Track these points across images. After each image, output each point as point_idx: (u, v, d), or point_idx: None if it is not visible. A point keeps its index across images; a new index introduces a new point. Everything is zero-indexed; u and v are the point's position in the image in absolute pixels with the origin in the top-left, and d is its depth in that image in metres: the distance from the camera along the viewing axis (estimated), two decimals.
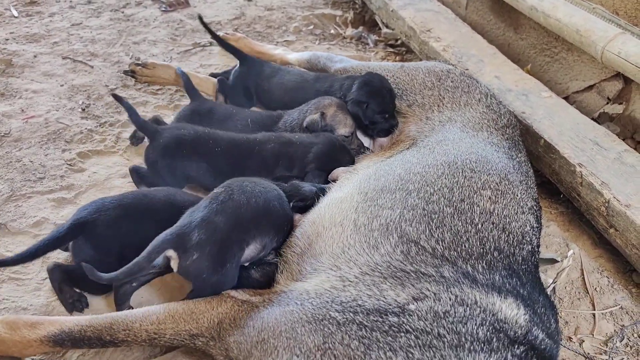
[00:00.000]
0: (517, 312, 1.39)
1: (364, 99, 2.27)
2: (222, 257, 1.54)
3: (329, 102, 2.29)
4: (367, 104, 2.26)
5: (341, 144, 2.16)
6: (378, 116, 2.27)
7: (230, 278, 1.57)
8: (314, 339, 1.28)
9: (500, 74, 2.65)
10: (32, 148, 2.44)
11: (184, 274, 1.55)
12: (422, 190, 1.68)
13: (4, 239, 1.98)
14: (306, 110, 2.31)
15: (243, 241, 1.60)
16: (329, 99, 2.33)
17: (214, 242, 1.53)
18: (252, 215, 1.63)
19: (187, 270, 1.53)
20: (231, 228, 1.57)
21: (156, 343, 1.46)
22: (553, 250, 2.14)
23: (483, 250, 1.53)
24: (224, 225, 1.56)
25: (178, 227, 1.58)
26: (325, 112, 2.25)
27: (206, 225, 1.55)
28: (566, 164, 2.14)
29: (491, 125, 2.09)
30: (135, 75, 2.90)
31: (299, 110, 2.34)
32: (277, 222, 1.72)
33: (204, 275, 1.52)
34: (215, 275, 1.53)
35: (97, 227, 1.69)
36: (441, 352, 1.24)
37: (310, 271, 1.53)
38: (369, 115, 2.27)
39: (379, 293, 1.38)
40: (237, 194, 1.66)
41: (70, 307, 1.71)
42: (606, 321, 1.89)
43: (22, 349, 1.47)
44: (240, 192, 1.67)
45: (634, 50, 2.19)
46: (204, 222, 1.56)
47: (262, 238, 1.66)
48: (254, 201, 1.66)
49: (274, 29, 3.71)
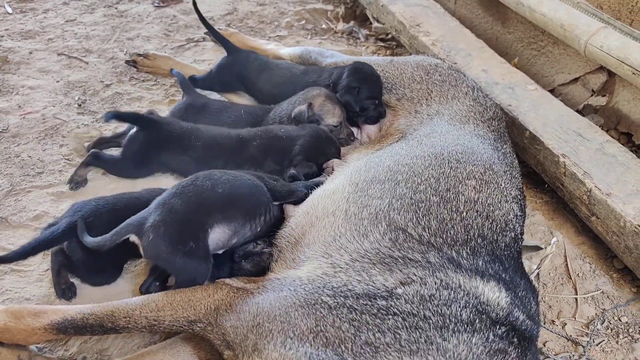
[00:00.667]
0: (499, 295, 1.46)
1: (356, 84, 2.33)
2: (181, 237, 1.59)
3: (317, 92, 2.33)
4: (358, 89, 2.32)
5: (327, 135, 2.20)
6: (368, 102, 2.33)
7: (200, 259, 1.61)
8: (306, 322, 1.35)
9: (487, 67, 2.71)
10: (30, 143, 2.49)
11: (148, 257, 1.63)
12: (410, 180, 1.75)
13: (5, 232, 2.03)
14: (295, 101, 2.35)
15: (206, 223, 1.65)
16: (317, 89, 2.37)
17: (170, 222, 1.59)
18: (216, 200, 1.68)
19: (147, 253, 1.60)
20: (190, 210, 1.63)
21: (156, 329, 1.52)
22: (538, 238, 2.22)
23: (467, 237, 1.60)
24: (180, 206, 1.62)
25: (141, 214, 1.66)
26: (312, 102, 2.29)
27: (161, 207, 1.62)
28: (550, 154, 2.22)
29: (477, 118, 2.15)
30: (137, 65, 3.01)
31: (288, 102, 2.39)
32: (246, 209, 1.75)
33: (164, 255, 1.58)
34: (176, 255, 1.57)
35: (92, 230, 1.73)
36: (427, 332, 1.32)
37: (304, 259, 1.60)
38: (360, 100, 2.33)
39: (368, 278, 1.45)
40: (202, 180, 1.72)
41: (61, 293, 1.77)
42: (588, 305, 1.97)
43: (27, 337, 1.53)
44: (206, 178, 1.73)
45: (615, 44, 2.26)
46: (159, 205, 1.64)
47: (229, 223, 1.70)
48: (219, 187, 1.71)
49: (266, 24, 3.75)
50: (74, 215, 1.76)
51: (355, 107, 2.33)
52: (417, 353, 1.28)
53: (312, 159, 2.13)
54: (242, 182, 1.79)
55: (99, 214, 1.78)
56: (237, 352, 1.39)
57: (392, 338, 1.31)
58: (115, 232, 1.61)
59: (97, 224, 1.74)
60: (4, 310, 1.55)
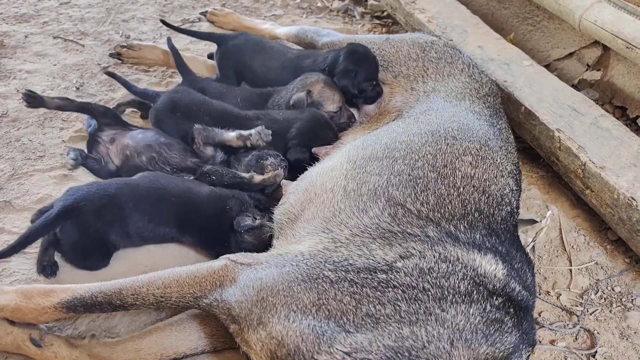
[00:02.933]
0: (496, 267, 1.50)
1: (352, 67, 2.33)
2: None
3: (316, 79, 2.33)
4: (355, 71, 2.33)
5: (325, 120, 2.22)
6: (366, 83, 2.34)
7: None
8: (309, 295, 1.39)
9: (483, 43, 2.72)
10: (30, 127, 2.50)
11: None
12: (408, 157, 1.78)
13: (10, 215, 2.06)
14: (292, 88, 2.35)
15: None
16: (315, 76, 2.36)
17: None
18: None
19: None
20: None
21: (163, 306, 1.57)
22: (534, 211, 2.26)
23: (464, 211, 1.64)
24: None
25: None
26: (311, 89, 2.29)
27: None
28: (545, 129, 2.25)
29: (473, 94, 2.18)
30: (122, 57, 2.92)
31: (286, 89, 2.39)
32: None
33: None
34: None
35: (84, 214, 1.78)
36: (426, 304, 1.36)
37: (304, 235, 1.63)
38: (357, 82, 2.34)
39: (369, 252, 1.50)
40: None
41: (41, 269, 1.82)
42: (582, 276, 2.02)
43: (38, 316, 1.57)
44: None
45: (609, 18, 2.27)
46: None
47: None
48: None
49: (262, 3, 3.74)
50: (67, 200, 1.79)
51: (353, 90, 2.35)
52: (417, 323, 1.32)
53: (307, 143, 2.15)
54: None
55: (91, 199, 1.80)
56: (242, 326, 1.44)
57: (392, 310, 1.35)
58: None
59: (88, 209, 1.78)
60: (14, 290, 1.59)
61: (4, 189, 2.17)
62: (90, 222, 1.80)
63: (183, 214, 1.90)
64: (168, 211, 1.89)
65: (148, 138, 2.13)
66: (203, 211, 1.91)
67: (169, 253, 1.95)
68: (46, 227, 1.75)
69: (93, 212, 1.79)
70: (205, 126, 2.09)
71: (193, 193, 1.93)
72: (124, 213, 1.83)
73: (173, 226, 1.90)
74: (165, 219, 1.89)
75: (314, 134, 2.18)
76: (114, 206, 1.82)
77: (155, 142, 2.11)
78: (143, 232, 1.88)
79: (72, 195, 1.80)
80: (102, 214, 1.80)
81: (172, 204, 1.89)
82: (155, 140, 2.11)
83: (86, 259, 1.87)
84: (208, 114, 2.19)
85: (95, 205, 1.79)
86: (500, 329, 1.37)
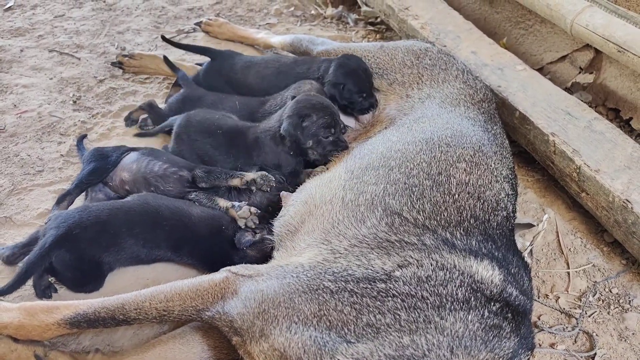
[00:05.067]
0: (492, 273, 1.52)
1: (341, 80, 2.33)
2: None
3: (309, 87, 2.36)
4: (343, 85, 2.33)
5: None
6: (356, 95, 2.35)
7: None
8: (310, 307, 1.41)
9: (476, 49, 2.75)
10: (28, 142, 2.52)
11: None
12: (403, 165, 1.80)
13: (11, 231, 2.08)
14: (287, 96, 2.36)
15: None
16: (309, 83, 2.39)
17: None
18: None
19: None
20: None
21: (166, 319, 1.58)
22: (530, 215, 2.29)
23: (460, 218, 1.66)
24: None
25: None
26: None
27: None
28: (540, 134, 2.27)
29: (468, 100, 2.20)
30: (123, 66, 2.96)
31: (280, 96, 2.42)
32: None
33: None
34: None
35: (78, 242, 1.77)
36: (425, 312, 1.38)
37: (304, 247, 1.65)
38: (346, 95, 2.34)
39: (367, 262, 1.51)
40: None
41: (41, 294, 1.81)
42: (580, 278, 2.05)
43: (42, 333, 1.58)
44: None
45: (600, 22, 2.30)
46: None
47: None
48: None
49: (255, 12, 3.76)
50: (60, 228, 1.77)
51: (341, 101, 2.34)
52: (417, 332, 1.34)
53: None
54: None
55: (84, 226, 1.79)
56: (244, 338, 1.45)
57: (392, 319, 1.37)
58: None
59: (82, 236, 1.78)
60: (17, 307, 1.61)
61: (4, 205, 2.18)
62: (85, 249, 1.79)
63: (177, 236, 1.89)
64: (162, 235, 1.88)
65: (142, 168, 2.08)
66: (197, 232, 1.90)
67: (171, 266, 1.96)
68: (42, 258, 1.72)
69: (87, 239, 1.78)
70: (208, 171, 2.05)
71: (184, 215, 1.92)
72: (118, 239, 1.83)
73: (168, 249, 1.89)
74: (159, 243, 1.88)
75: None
76: (107, 232, 1.81)
77: (149, 172, 2.07)
78: (139, 256, 1.88)
79: (64, 223, 1.78)
80: (96, 240, 1.80)
81: (164, 228, 1.88)
82: (150, 171, 2.07)
83: (82, 285, 1.85)
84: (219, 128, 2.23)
85: (89, 232, 1.79)
86: (499, 334, 1.39)
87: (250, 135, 2.21)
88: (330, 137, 2.12)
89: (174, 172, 2.04)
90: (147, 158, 2.08)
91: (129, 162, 2.12)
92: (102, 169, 2.09)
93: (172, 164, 2.06)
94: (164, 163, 2.05)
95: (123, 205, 1.92)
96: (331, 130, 2.11)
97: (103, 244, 1.82)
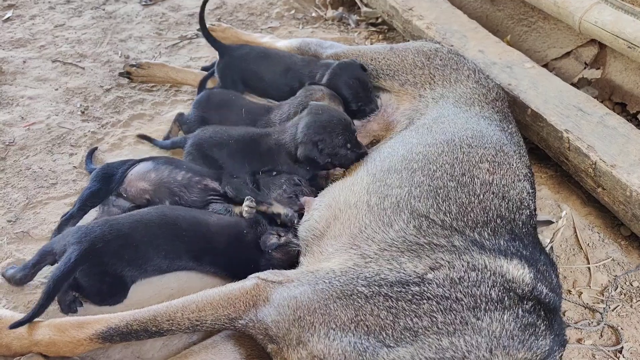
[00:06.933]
0: (523, 272, 1.53)
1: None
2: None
3: (320, 95, 2.34)
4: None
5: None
6: (352, 104, 2.36)
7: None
8: (346, 312, 1.41)
9: (483, 47, 2.76)
10: (39, 155, 2.49)
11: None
12: (426, 168, 1.81)
13: (30, 246, 2.05)
14: (296, 104, 2.36)
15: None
16: (319, 91, 2.37)
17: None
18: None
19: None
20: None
21: (199, 329, 1.57)
22: (546, 211, 2.30)
23: (487, 218, 1.67)
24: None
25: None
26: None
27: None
28: (553, 130, 2.29)
29: (482, 100, 2.21)
30: (131, 76, 2.95)
31: (289, 104, 2.42)
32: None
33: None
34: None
35: (101, 256, 1.76)
36: (461, 314, 1.39)
37: (333, 251, 1.65)
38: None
39: (399, 266, 1.52)
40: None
41: (67, 309, 1.78)
42: (600, 273, 2.06)
43: (73, 349, 1.57)
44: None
45: (609, 19, 2.32)
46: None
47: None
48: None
49: (257, 15, 3.76)
50: (83, 243, 1.75)
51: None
52: (454, 334, 1.35)
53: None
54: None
55: (107, 240, 1.78)
56: (281, 346, 1.45)
57: (429, 321, 1.37)
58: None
59: (105, 251, 1.76)
60: (47, 324, 1.59)
61: (20, 219, 2.16)
62: (108, 262, 1.77)
63: (197, 247, 1.88)
64: (182, 246, 1.87)
65: (165, 177, 2.07)
66: (216, 241, 1.90)
67: (194, 275, 1.95)
68: (68, 274, 1.69)
69: (110, 253, 1.77)
70: (237, 189, 2.03)
71: (202, 224, 1.91)
72: (140, 252, 1.81)
73: (189, 259, 1.89)
74: (180, 254, 1.87)
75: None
76: (129, 246, 1.80)
77: (173, 182, 2.05)
78: (161, 267, 1.87)
79: (87, 237, 1.77)
80: (119, 253, 1.78)
81: (184, 239, 1.87)
82: (173, 180, 2.06)
83: (107, 298, 1.83)
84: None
85: (112, 246, 1.77)
86: (535, 332, 1.40)
87: (263, 144, 2.21)
88: (348, 151, 2.09)
89: (198, 181, 2.03)
90: (167, 167, 2.06)
91: (143, 172, 2.10)
92: (104, 190, 2.08)
93: (194, 172, 2.05)
94: (186, 172, 2.04)
95: (142, 218, 1.90)
96: (347, 145, 2.08)
97: (125, 257, 1.81)
